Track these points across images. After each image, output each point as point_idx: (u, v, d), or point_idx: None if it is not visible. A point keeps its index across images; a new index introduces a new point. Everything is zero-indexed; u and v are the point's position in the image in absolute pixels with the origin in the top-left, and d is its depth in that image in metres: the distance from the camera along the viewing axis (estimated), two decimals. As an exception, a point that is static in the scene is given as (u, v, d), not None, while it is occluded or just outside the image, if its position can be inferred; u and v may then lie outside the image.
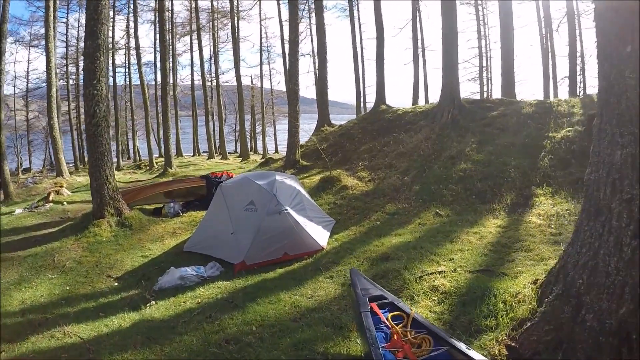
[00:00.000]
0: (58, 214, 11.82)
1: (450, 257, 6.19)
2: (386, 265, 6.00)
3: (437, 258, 6.19)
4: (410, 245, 6.89)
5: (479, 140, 11.73)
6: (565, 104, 12.51)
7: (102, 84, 9.17)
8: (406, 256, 6.27)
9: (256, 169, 18.22)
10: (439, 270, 5.49)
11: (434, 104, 16.68)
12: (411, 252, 6.48)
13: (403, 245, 6.92)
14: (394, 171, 11.85)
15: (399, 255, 6.39)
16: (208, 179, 11.00)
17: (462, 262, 5.95)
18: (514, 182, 9.51)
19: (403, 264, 5.88)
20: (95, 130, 9.12)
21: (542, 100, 13.81)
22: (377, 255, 6.56)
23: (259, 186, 7.33)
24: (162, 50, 21.95)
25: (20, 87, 35.27)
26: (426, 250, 6.54)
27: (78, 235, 8.86)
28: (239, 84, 30.98)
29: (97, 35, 8.96)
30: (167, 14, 30.15)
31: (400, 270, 5.65)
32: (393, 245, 6.99)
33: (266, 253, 6.85)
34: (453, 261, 6.02)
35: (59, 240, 8.76)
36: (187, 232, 9.12)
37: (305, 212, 7.68)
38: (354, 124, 17.97)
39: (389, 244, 7.08)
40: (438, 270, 5.53)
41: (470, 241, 6.93)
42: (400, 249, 6.74)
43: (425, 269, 5.65)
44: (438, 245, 6.82)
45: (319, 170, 14.35)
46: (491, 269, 5.57)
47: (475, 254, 6.31)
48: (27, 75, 34.93)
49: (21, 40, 33.92)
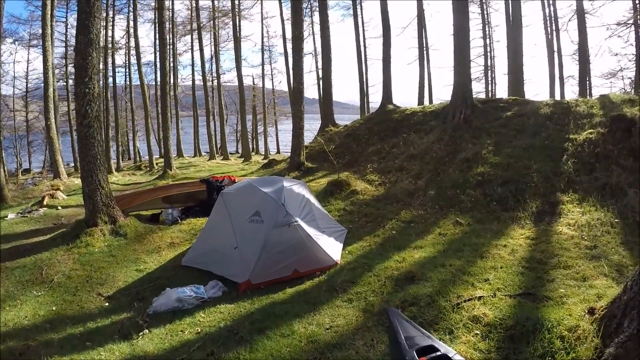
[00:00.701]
0: (51, 219, 11.24)
1: (484, 277, 5.55)
2: (414, 289, 5.31)
3: (471, 279, 5.54)
4: (437, 261, 6.23)
5: (495, 142, 11.10)
6: (584, 104, 11.86)
7: (94, 81, 8.50)
8: (435, 276, 5.61)
9: (259, 171, 17.59)
10: (477, 296, 4.82)
11: (443, 103, 16.13)
12: (440, 271, 5.83)
13: (428, 262, 6.25)
14: (406, 174, 11.22)
15: (426, 274, 5.72)
16: (209, 183, 10.35)
17: (499, 284, 5.32)
18: (537, 187, 8.90)
19: (434, 287, 5.22)
20: (87, 131, 8.45)
21: (559, 100, 13.21)
22: (401, 274, 5.87)
23: (265, 194, 6.61)
24: (162, 49, 21.35)
25: (19, 87, 35.18)
26: (456, 269, 5.88)
27: (69, 244, 8.20)
28: (240, 83, 30.43)
29: (89, 29, 8.30)
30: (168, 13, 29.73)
31: (433, 296, 4.96)
32: (417, 262, 6.30)
33: (274, 270, 6.13)
34: (489, 282, 5.37)
35: (49, 250, 8.09)
36: (186, 242, 8.46)
37: (316, 223, 6.98)
38: (360, 124, 17.31)
39: (412, 260, 6.40)
40: (475, 295, 4.85)
41: (501, 256, 6.31)
42: (426, 266, 6.07)
43: (460, 294, 4.98)
44: (468, 261, 6.17)
45: (325, 172, 13.70)
46: (532, 292, 4.95)
47: (510, 272, 5.69)
48: (26, 75, 34.81)
49: (20, 40, 33.78)
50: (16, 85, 35.12)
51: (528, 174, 9.26)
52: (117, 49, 33.46)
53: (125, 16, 33.15)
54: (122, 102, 37.64)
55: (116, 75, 33.53)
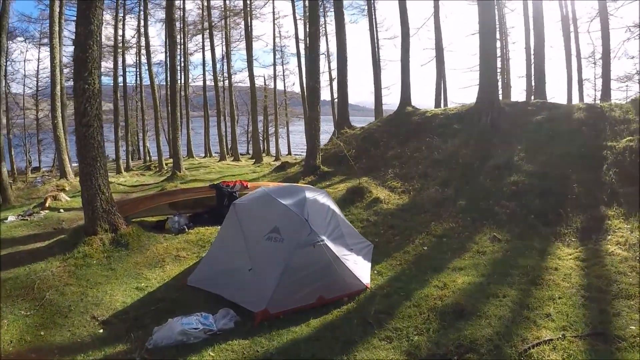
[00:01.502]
0: (52, 223, 10.51)
1: (545, 312, 4.80)
2: (469, 329, 4.46)
3: (531, 314, 4.76)
4: (486, 290, 5.42)
5: (526, 148, 10.33)
6: (618, 108, 11.09)
7: (95, 76, 7.69)
8: (490, 311, 4.79)
9: (271, 174, 16.79)
10: (544, 339, 4.03)
11: (466, 105, 15.35)
12: (493, 303, 5.03)
13: (476, 290, 5.44)
14: (431, 181, 10.41)
15: (478, 308, 4.90)
16: (219, 188, 9.52)
17: (563, 320, 4.60)
18: (579, 199, 8.17)
19: (492, 327, 4.40)
20: (86, 131, 7.66)
21: (592, 104, 12.40)
22: (446, 306, 5.02)
23: (285, 208, 5.73)
24: (171, 47, 20.67)
25: (30, 85, 35.08)
26: (511, 301, 5.08)
27: (66, 254, 7.40)
28: (252, 84, 29.75)
29: (89, 19, 7.50)
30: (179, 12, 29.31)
31: (494, 339, 4.13)
32: (462, 289, 5.48)
33: (296, 298, 5.25)
34: (552, 319, 4.61)
35: (45, 260, 7.31)
36: (193, 255, 7.65)
37: (343, 240, 6.09)
38: (377, 126, 16.46)
39: (455, 286, 5.57)
40: (542, 337, 4.07)
41: (556, 283, 5.59)
42: (475, 296, 5.25)
43: (524, 336, 4.17)
44: (521, 290, 5.40)
45: (341, 177, 12.88)
46: (602, 332, 4.28)
47: (570, 304, 4.99)
48: (37, 73, 34.71)
49: (31, 39, 33.60)
50: (27, 83, 35.04)
51: (567, 184, 8.59)
52: (128, 48, 32.98)
53: (135, 16, 32.80)
54: (133, 102, 37.32)
55: (126, 74, 33.07)
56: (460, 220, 8.28)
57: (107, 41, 30.82)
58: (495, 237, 7.40)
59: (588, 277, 5.73)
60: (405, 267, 6.61)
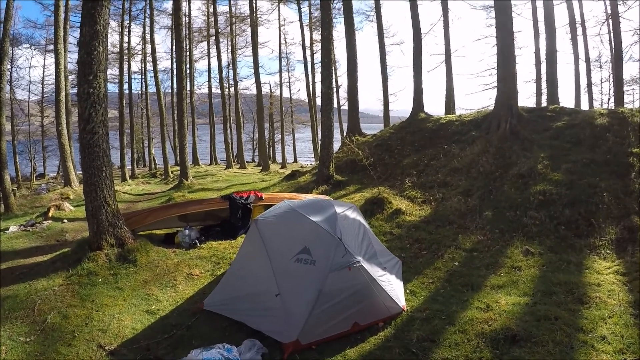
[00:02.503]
0: (55, 234, 10.14)
1: (600, 334, 4.41)
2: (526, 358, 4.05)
3: (586, 337, 4.37)
4: (534, 311, 4.97)
5: (549, 156, 9.93)
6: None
7: (100, 80, 7.22)
8: (544, 336, 4.38)
9: (281, 183, 16.32)
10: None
11: (481, 111, 14.98)
12: (545, 326, 4.59)
13: (523, 311, 4.99)
14: (452, 191, 9.98)
15: (531, 332, 4.47)
16: (232, 200, 9.05)
17: (619, 343, 4.27)
18: (609, 209, 7.78)
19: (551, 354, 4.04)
20: (91, 138, 7.18)
21: (614, 109, 11.97)
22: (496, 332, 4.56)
23: (316, 225, 5.15)
24: (178, 52, 20.31)
25: (35, 92, 35.24)
26: (563, 322, 4.65)
27: (69, 271, 6.87)
28: (258, 91, 29.40)
29: (95, 19, 7.05)
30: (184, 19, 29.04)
31: None
32: (508, 311, 5.02)
33: (330, 326, 4.72)
34: (608, 342, 4.25)
35: (47, 277, 6.79)
36: (207, 273, 7.15)
37: (377, 259, 5.54)
38: (391, 133, 16.00)
39: (499, 307, 5.10)
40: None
41: (602, 300, 5.20)
42: (523, 318, 4.81)
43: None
44: (570, 311, 4.98)
45: (356, 186, 12.42)
46: None
47: (622, 323, 4.67)
48: (42, 80, 34.75)
49: (37, 45, 33.62)
50: (32, 90, 35.20)
51: (596, 193, 8.20)
52: (133, 55, 32.85)
53: (141, 23, 32.73)
54: (138, 109, 37.18)
55: (132, 81, 33.15)
56: (488, 232, 7.89)
57: (112, 48, 30.73)
58: (529, 250, 7.00)
59: (632, 292, 5.40)
60: (438, 285, 6.13)
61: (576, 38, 21.05)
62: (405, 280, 6.21)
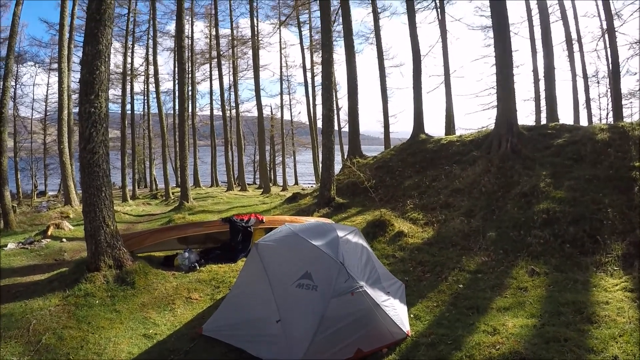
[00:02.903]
0: (53, 253, 10.10)
1: (611, 354, 4.37)
2: None
3: (597, 358, 4.34)
4: (542, 333, 4.87)
5: (551, 173, 9.89)
6: (639, 127, 10.68)
7: (102, 99, 7.28)
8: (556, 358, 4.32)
9: (282, 206, 16.28)
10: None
11: (482, 131, 15.06)
12: (554, 348, 4.51)
13: (531, 333, 4.90)
14: (454, 212, 9.92)
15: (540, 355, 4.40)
16: (232, 222, 8.99)
17: None
18: (614, 225, 7.70)
19: None
20: (91, 158, 7.18)
21: (614, 124, 11.97)
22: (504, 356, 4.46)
23: (317, 249, 5.07)
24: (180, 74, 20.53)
25: (39, 109, 35.91)
26: (573, 344, 4.57)
27: (66, 291, 6.78)
28: (259, 113, 29.61)
29: (97, 39, 7.16)
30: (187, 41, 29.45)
31: None
32: (516, 334, 4.91)
33: (332, 353, 4.58)
34: None
35: (43, 296, 6.71)
36: (206, 297, 7.05)
37: (380, 284, 5.45)
38: (392, 155, 16.03)
39: (506, 330, 4.99)
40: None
41: (612, 319, 5.13)
42: (532, 340, 4.71)
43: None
44: (579, 331, 4.90)
45: (358, 209, 12.37)
46: None
47: (634, 342, 4.62)
48: (45, 98, 35.47)
49: (41, 64, 34.30)
50: (35, 107, 35.87)
51: (600, 209, 8.13)
52: (136, 75, 33.29)
53: (144, 44, 33.42)
54: (140, 130, 37.50)
55: (134, 102, 33.49)
56: (492, 253, 7.81)
57: (116, 68, 31.39)
58: (534, 270, 6.89)
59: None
60: (443, 308, 6.01)
61: (573, 55, 21.24)
62: (409, 304, 6.11)
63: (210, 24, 34.90)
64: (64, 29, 19.59)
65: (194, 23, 35.00)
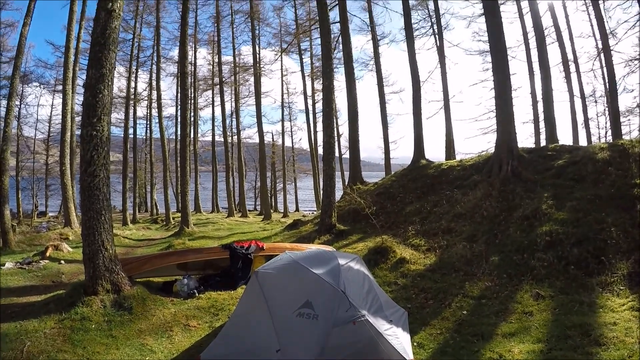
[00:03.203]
0: (51, 275, 10.06)
1: None
2: None
3: None
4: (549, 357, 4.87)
5: (553, 195, 9.84)
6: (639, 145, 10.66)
7: (104, 123, 7.30)
8: None
9: (283, 233, 16.20)
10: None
11: (482, 155, 15.06)
12: None
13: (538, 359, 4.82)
14: (456, 237, 9.85)
15: None
16: (232, 249, 8.90)
17: None
18: (618, 244, 7.63)
19: None
20: (92, 181, 7.16)
21: (614, 142, 11.95)
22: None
23: (318, 278, 4.98)
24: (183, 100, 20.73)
25: (42, 130, 36.45)
26: None
27: (62, 314, 6.65)
28: (261, 140, 29.85)
29: (101, 63, 7.24)
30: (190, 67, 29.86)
31: None
32: (522, 360, 4.81)
33: None
34: None
35: (39, 318, 6.60)
36: (205, 325, 6.91)
37: (382, 312, 5.32)
38: (392, 181, 16.02)
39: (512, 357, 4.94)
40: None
41: (620, 340, 5.10)
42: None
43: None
44: (586, 353, 4.89)
45: (359, 236, 12.28)
46: None
47: None
48: (49, 119, 35.71)
49: (46, 85, 34.73)
50: (39, 128, 36.40)
51: (603, 229, 8.06)
52: (139, 100, 33.76)
53: (148, 69, 33.93)
54: (142, 154, 37.78)
55: (137, 126, 34.03)
56: (495, 278, 7.71)
57: (119, 92, 31.73)
58: (539, 294, 6.81)
59: (650, 329, 5.21)
60: (447, 336, 5.89)
61: (570, 75, 21.40)
62: (412, 332, 5.98)
63: (213, 51, 35.44)
64: (70, 51, 19.93)
65: (198, 49, 35.57)
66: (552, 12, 20.68)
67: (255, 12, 31.70)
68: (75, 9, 20.29)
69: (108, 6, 7.39)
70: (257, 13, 32.38)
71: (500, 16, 13.25)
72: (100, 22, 7.37)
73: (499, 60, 12.79)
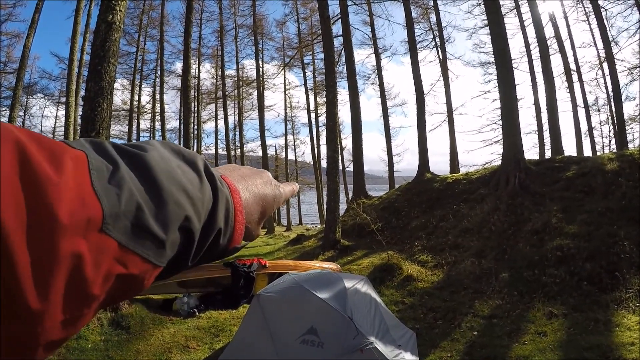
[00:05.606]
0: None
1: None
2: None
3: None
4: None
5: (563, 208, 9.64)
6: (647, 154, 10.46)
7: (103, 137, 7.05)
8: None
9: (287, 248, 15.94)
10: None
11: (488, 168, 14.84)
12: None
13: None
14: (464, 253, 9.60)
15: None
16: (234, 267, 8.69)
17: None
18: (632, 258, 7.41)
19: None
20: (89, 195, 6.96)
21: (622, 152, 11.70)
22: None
23: (323, 303, 4.70)
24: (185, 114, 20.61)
25: None
26: None
27: None
28: (264, 154, 29.69)
29: (100, 75, 7.08)
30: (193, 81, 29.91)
31: None
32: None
33: None
34: None
35: None
36: (205, 346, 6.66)
37: (390, 336, 5.02)
38: (397, 195, 15.80)
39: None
40: None
41: None
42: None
43: None
44: None
45: (364, 251, 11.98)
46: None
47: None
48: (53, 130, 35.29)
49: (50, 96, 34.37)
50: None
51: (616, 242, 7.84)
52: (143, 113, 33.65)
53: (151, 82, 33.80)
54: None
55: (140, 139, 33.53)
56: (506, 295, 7.46)
57: (123, 105, 31.65)
58: (552, 312, 6.58)
59: (670, 348, 4.95)
60: (458, 359, 5.65)
61: (572, 85, 21.38)
62: (422, 355, 5.70)
63: (216, 65, 35.42)
64: (73, 63, 19.87)
65: (201, 63, 35.55)
66: (554, 23, 20.66)
67: (258, 26, 31.85)
68: (79, 21, 20.30)
69: (108, 18, 7.27)
70: (260, 27, 32.50)
71: (504, 27, 13.21)
72: (100, 34, 7.25)
73: (504, 73, 12.69)
